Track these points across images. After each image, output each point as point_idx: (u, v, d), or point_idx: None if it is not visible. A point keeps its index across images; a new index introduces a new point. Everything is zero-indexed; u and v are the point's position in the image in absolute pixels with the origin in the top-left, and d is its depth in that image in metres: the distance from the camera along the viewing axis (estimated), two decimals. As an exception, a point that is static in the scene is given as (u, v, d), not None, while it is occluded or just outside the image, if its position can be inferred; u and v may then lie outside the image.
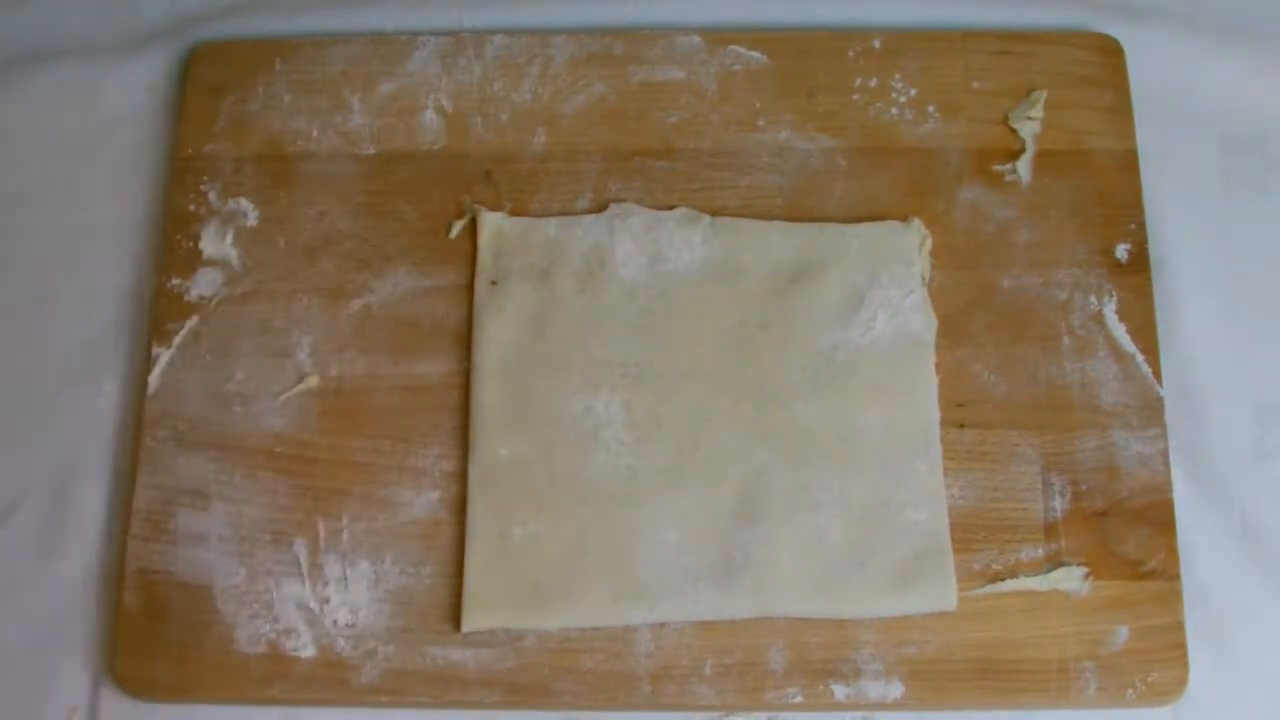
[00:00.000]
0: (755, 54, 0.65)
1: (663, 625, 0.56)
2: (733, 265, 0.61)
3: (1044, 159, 0.63)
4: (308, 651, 0.56)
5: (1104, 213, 0.62)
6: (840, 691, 0.56)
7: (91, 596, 0.59)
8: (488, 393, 0.59)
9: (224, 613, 0.57)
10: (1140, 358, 0.60)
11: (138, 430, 0.60)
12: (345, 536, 0.58)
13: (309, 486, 0.59)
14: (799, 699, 0.56)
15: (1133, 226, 0.62)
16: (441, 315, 0.61)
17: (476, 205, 0.62)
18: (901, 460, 0.58)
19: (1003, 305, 0.61)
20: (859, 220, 0.62)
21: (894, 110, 0.64)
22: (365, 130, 0.65)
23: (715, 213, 0.62)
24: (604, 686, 0.56)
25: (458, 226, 0.63)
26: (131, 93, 0.67)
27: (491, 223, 0.62)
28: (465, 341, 0.60)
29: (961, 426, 0.59)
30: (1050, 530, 0.58)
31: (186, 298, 0.62)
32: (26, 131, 0.66)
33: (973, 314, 0.61)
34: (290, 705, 0.57)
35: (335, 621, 0.57)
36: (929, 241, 0.62)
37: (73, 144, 0.66)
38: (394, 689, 0.56)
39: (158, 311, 0.62)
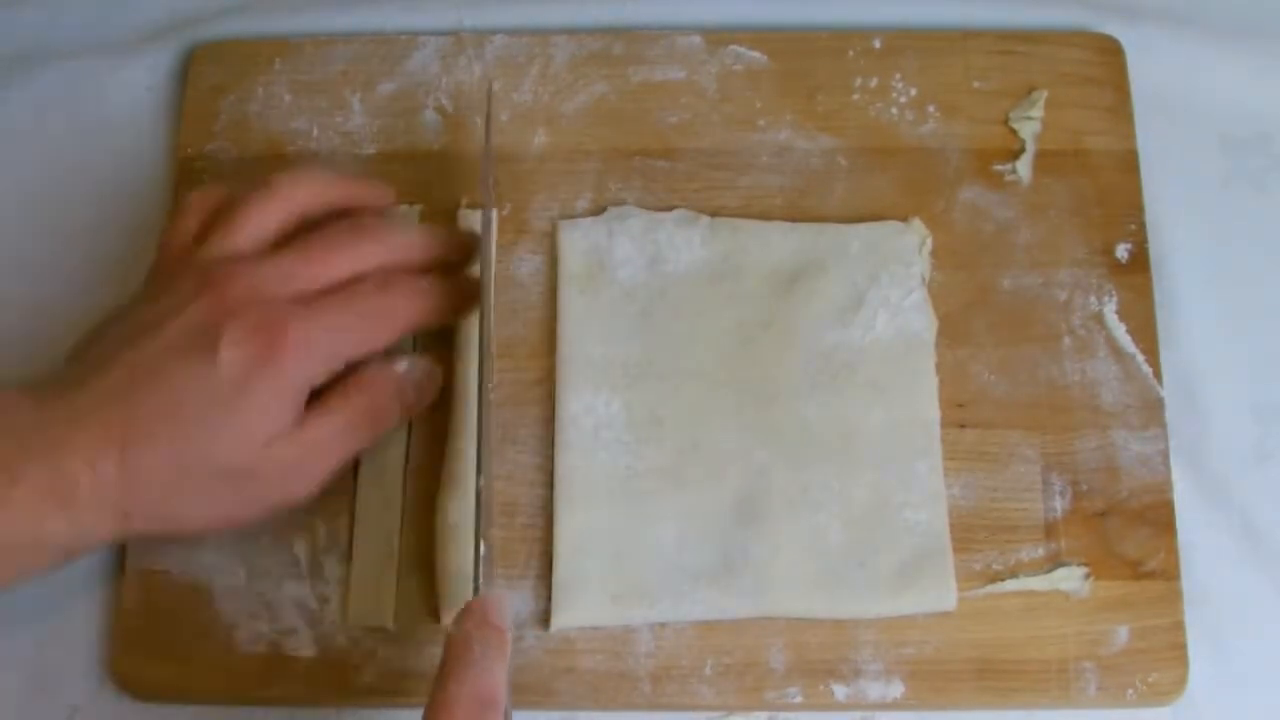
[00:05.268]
0: (755, 54, 0.65)
1: (663, 625, 0.56)
2: (732, 265, 0.61)
3: (1044, 159, 0.63)
4: (308, 651, 0.56)
5: (1104, 213, 0.62)
6: (840, 691, 0.55)
7: (91, 596, 0.59)
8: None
9: (224, 613, 0.57)
10: (1140, 358, 0.60)
11: (138, 430, 0.60)
12: (345, 536, 0.58)
13: (309, 486, 0.59)
14: (799, 699, 0.56)
15: (1133, 226, 0.62)
16: (441, 315, 0.61)
17: (467, 209, 0.63)
18: (901, 460, 0.58)
19: (1003, 305, 0.61)
20: (859, 220, 0.62)
21: (894, 110, 0.64)
22: (365, 130, 0.65)
23: (715, 213, 0.62)
24: (604, 686, 0.56)
25: (458, 226, 0.63)
26: (131, 93, 0.67)
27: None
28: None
29: (961, 426, 0.59)
30: (1050, 530, 0.58)
31: (186, 298, 0.62)
32: (26, 131, 0.66)
33: (973, 314, 0.61)
34: (290, 705, 0.57)
35: (335, 621, 0.57)
36: (929, 241, 0.62)
37: (73, 144, 0.66)
38: (394, 689, 0.56)
39: (158, 311, 0.62)
